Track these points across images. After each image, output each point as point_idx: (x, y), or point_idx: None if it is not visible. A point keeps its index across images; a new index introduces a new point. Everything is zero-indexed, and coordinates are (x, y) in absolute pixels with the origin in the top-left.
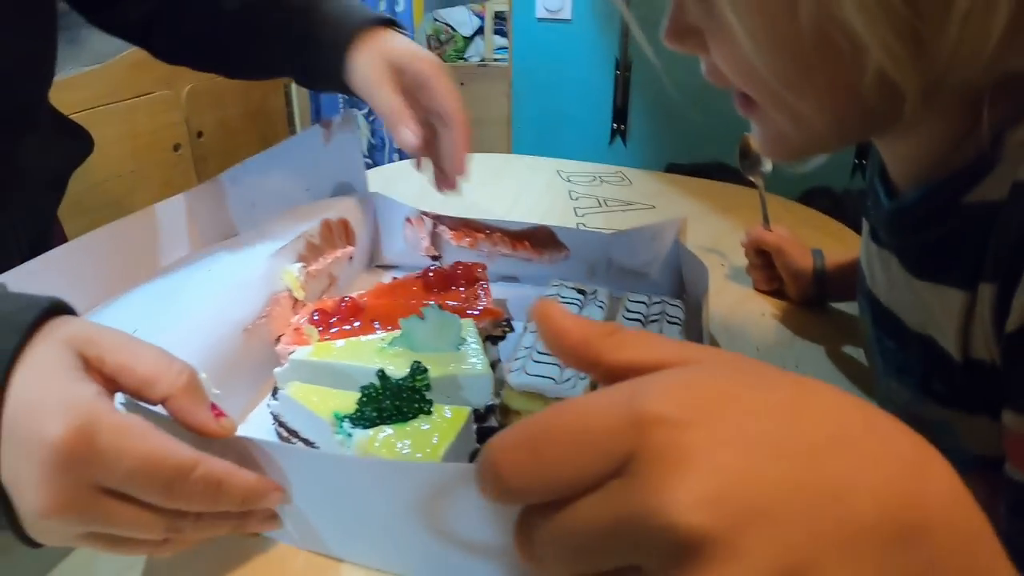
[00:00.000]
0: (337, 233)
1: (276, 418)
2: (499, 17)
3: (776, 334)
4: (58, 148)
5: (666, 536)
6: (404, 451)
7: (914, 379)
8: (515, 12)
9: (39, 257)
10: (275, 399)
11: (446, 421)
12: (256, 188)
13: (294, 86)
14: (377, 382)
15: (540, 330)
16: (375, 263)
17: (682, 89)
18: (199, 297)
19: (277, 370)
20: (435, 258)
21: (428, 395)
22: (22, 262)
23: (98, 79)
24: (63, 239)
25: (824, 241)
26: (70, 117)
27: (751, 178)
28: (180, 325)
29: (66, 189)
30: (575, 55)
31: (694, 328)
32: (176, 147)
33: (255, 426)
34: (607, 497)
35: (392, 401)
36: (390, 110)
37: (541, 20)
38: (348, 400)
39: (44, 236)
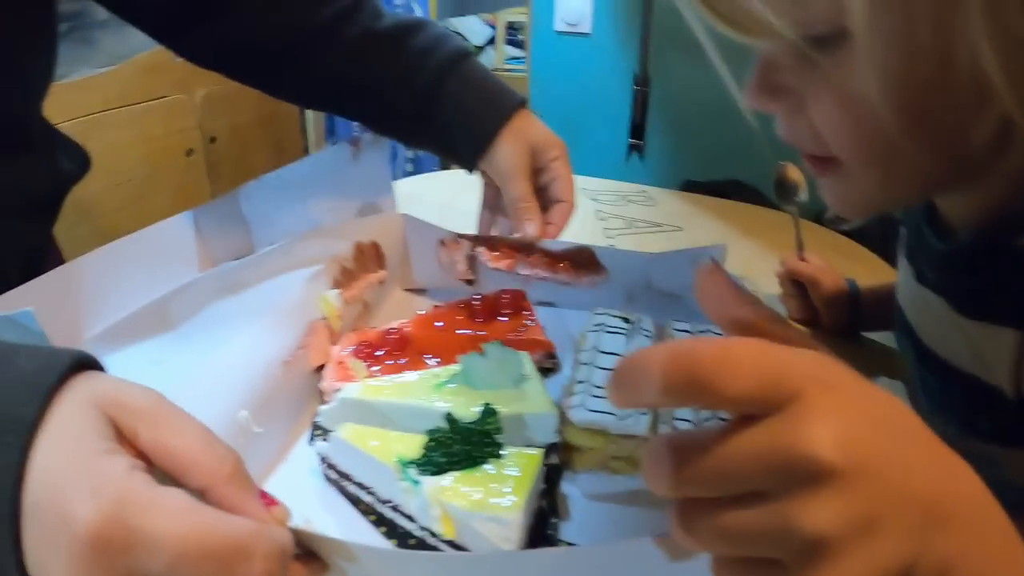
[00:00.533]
0: (369, 256)
1: (324, 460)
2: (511, 27)
3: None
4: (51, 167)
5: (804, 465)
6: (476, 497)
7: (956, 416)
8: (534, 24)
9: (37, 279)
10: (323, 439)
11: (518, 466)
12: (275, 206)
13: None
14: (445, 425)
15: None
16: (404, 287)
17: (700, 107)
18: (230, 326)
19: (323, 408)
20: (469, 282)
21: (498, 438)
22: (12, 287)
23: (111, 82)
24: (59, 261)
25: (843, 263)
26: (68, 133)
27: (786, 209)
28: (212, 358)
29: (60, 209)
30: (593, 69)
31: None
32: (189, 152)
33: (296, 467)
34: (759, 430)
35: (462, 445)
36: (521, 200)
37: (560, 33)
38: (410, 443)
39: (37, 258)
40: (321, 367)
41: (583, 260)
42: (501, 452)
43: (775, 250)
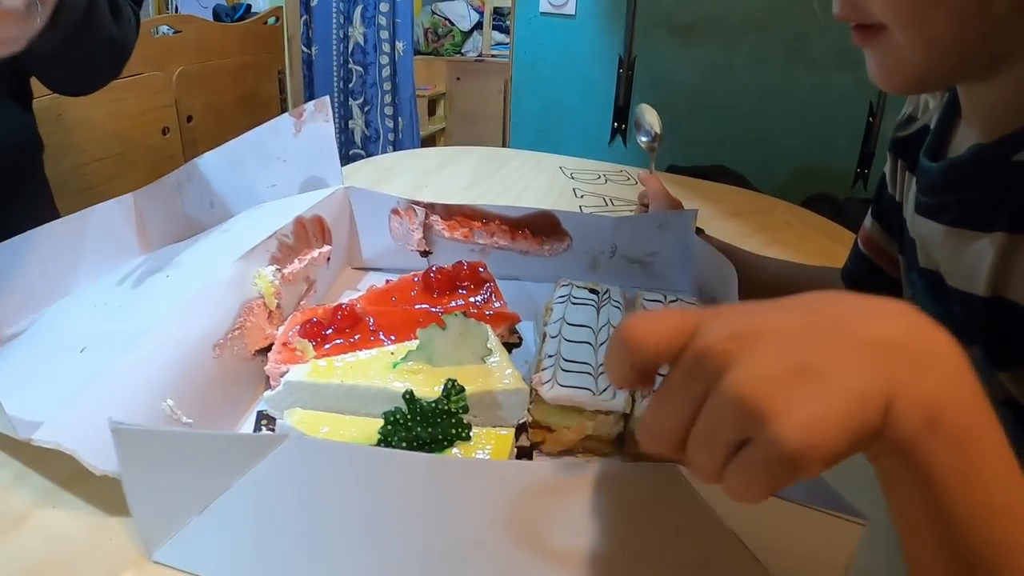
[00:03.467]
0: (312, 232)
1: None
2: (498, 12)
3: None
4: None
5: (707, 353)
6: None
7: (952, 327)
8: (518, 4)
9: None
10: (268, 428)
11: (488, 448)
12: (215, 185)
13: (288, 72)
14: (404, 406)
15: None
16: (352, 265)
17: (686, 91)
18: (158, 309)
19: (268, 393)
20: (424, 254)
21: (465, 418)
22: None
23: None
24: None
25: (826, 244)
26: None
27: (641, 142)
28: (138, 342)
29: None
30: (577, 51)
31: None
32: (165, 131)
33: None
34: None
35: (424, 427)
36: None
37: (544, 14)
38: (366, 428)
39: None
40: (262, 351)
41: (545, 226)
42: (470, 434)
43: (758, 232)
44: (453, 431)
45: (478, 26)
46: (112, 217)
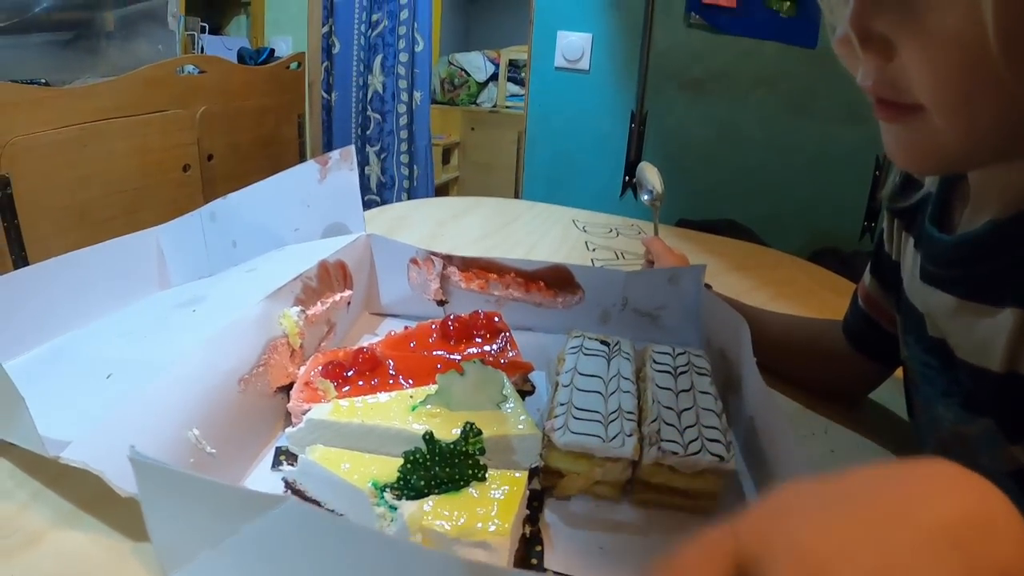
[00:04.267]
0: (335, 276)
1: (291, 486)
2: (513, 65)
3: (808, 423)
4: None
5: None
6: (461, 522)
7: (959, 399)
8: (534, 59)
9: (12, 274)
10: (290, 464)
11: (503, 489)
12: (239, 225)
13: (307, 117)
14: (423, 446)
15: None
16: (370, 310)
17: (696, 146)
18: (184, 341)
19: (290, 430)
20: (440, 303)
21: (481, 459)
22: None
23: (114, 90)
24: None
25: (831, 298)
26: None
27: (642, 200)
28: (166, 371)
29: None
30: (591, 105)
31: (720, 376)
32: (186, 167)
33: None
34: None
35: (443, 467)
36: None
37: (559, 69)
38: (386, 466)
39: None
40: (282, 388)
41: (558, 279)
42: (485, 476)
43: (764, 286)
44: (470, 472)
45: (493, 77)
46: (134, 250)
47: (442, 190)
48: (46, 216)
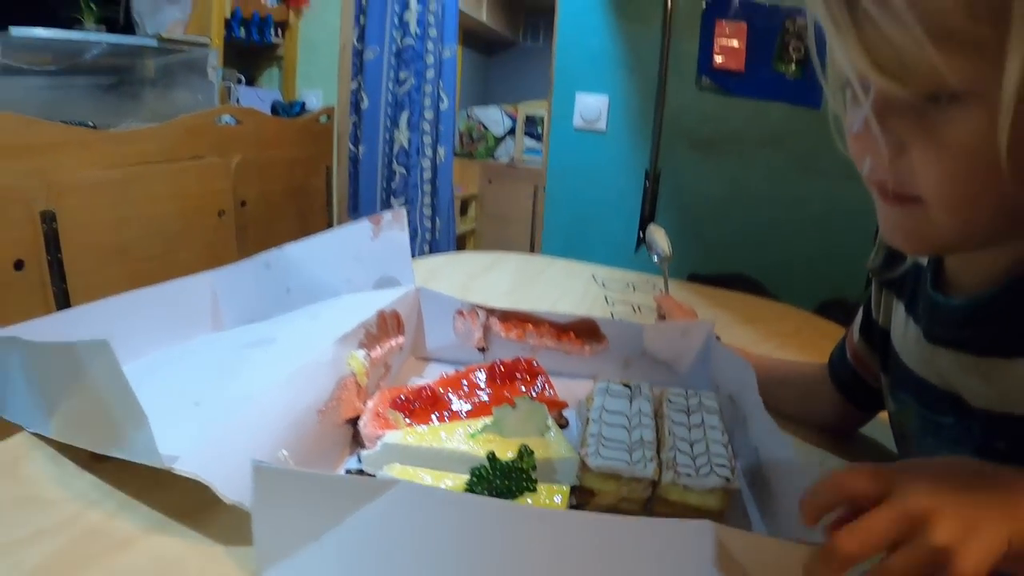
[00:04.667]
0: (391, 324)
1: None
2: (530, 120)
3: (806, 453)
4: None
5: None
6: None
7: (972, 445)
8: (553, 120)
9: (64, 312)
10: None
11: (550, 498)
12: (293, 274)
13: (335, 168)
14: (486, 463)
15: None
16: (416, 355)
17: (707, 203)
18: (267, 375)
19: (365, 452)
20: (481, 350)
21: (533, 475)
22: None
23: (154, 137)
24: None
25: (832, 348)
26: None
27: (653, 259)
28: (253, 402)
29: None
30: (607, 164)
31: (727, 414)
32: (221, 213)
33: None
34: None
35: (502, 480)
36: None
37: (578, 129)
38: (454, 481)
39: None
40: (350, 420)
41: (586, 330)
42: (536, 487)
43: (770, 338)
44: (524, 484)
45: (511, 132)
46: (189, 291)
47: (459, 241)
48: (88, 251)
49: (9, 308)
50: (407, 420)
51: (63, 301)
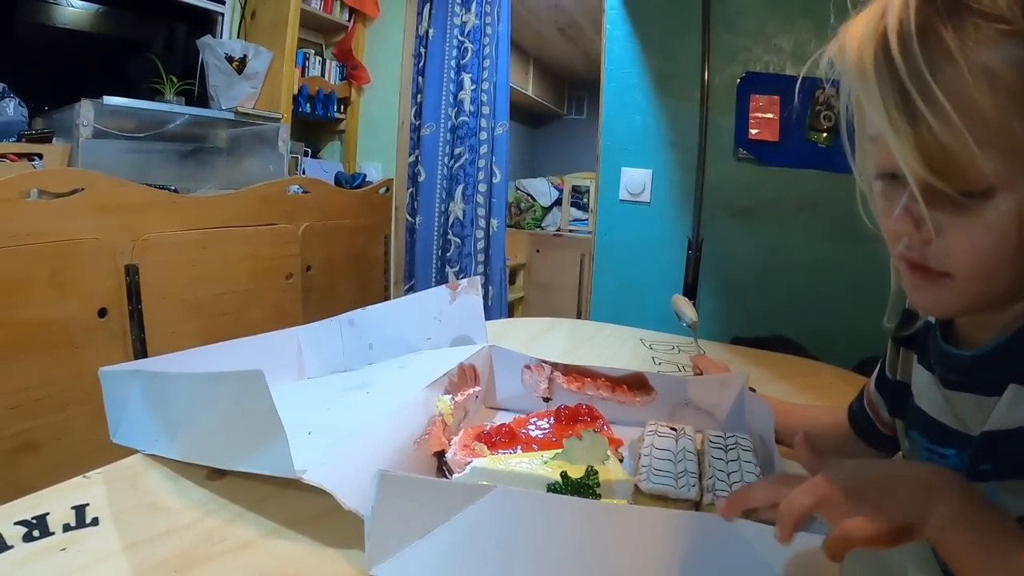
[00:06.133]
0: (469, 375)
1: None
2: (576, 191)
3: None
4: None
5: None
6: None
7: (965, 470)
8: (600, 193)
9: (175, 354)
10: None
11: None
12: (376, 332)
13: (393, 237)
14: (559, 481)
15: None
16: (486, 404)
17: (748, 270)
18: (371, 411)
19: (457, 475)
20: (546, 400)
21: (597, 491)
22: None
23: (231, 203)
24: None
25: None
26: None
27: (683, 323)
28: (363, 432)
29: None
30: (651, 234)
31: (761, 454)
32: (288, 276)
33: None
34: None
35: (572, 494)
36: None
37: (623, 201)
38: None
39: None
40: (437, 453)
41: (637, 383)
42: (600, 499)
43: (804, 391)
44: (590, 497)
45: (557, 202)
46: (278, 343)
47: (508, 309)
48: (166, 305)
49: (91, 352)
50: (490, 451)
51: (140, 349)
